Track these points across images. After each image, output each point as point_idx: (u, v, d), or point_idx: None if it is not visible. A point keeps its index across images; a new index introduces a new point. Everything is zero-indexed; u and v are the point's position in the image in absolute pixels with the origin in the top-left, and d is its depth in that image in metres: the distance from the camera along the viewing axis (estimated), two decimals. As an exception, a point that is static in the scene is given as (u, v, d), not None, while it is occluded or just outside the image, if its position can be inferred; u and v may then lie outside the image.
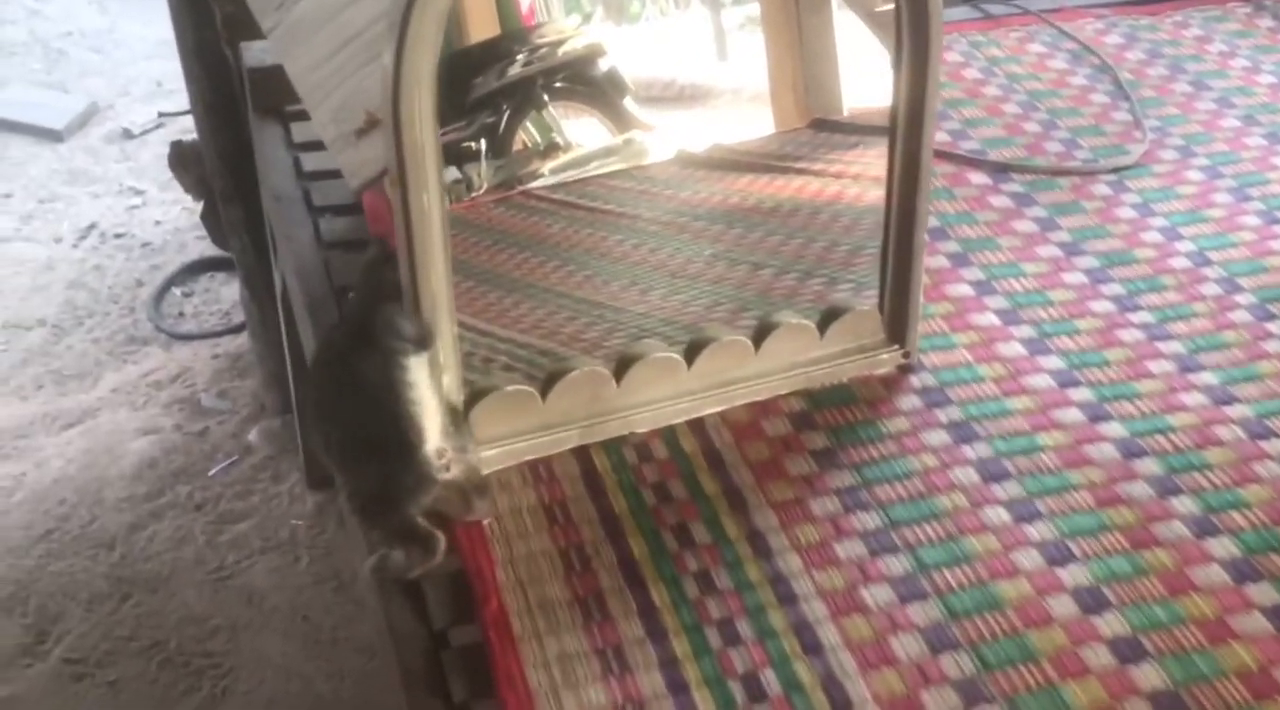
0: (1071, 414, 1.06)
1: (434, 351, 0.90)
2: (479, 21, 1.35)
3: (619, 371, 1.00)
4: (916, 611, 0.88)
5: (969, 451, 1.02)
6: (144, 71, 3.46)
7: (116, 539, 2.08)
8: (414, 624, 0.89)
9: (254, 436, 2.26)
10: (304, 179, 1.39)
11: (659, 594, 0.89)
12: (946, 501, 0.97)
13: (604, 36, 1.41)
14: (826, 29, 1.38)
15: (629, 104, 1.39)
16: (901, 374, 1.09)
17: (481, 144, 1.33)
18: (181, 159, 2.22)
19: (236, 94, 1.75)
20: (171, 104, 3.25)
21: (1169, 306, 1.18)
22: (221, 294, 2.68)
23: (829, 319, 1.06)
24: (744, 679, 0.84)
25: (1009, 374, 1.10)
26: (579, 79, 1.38)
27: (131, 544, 2.07)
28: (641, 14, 1.48)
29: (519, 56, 1.35)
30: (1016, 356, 1.12)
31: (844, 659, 0.85)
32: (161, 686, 1.85)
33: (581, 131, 1.40)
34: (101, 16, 3.73)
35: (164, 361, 2.48)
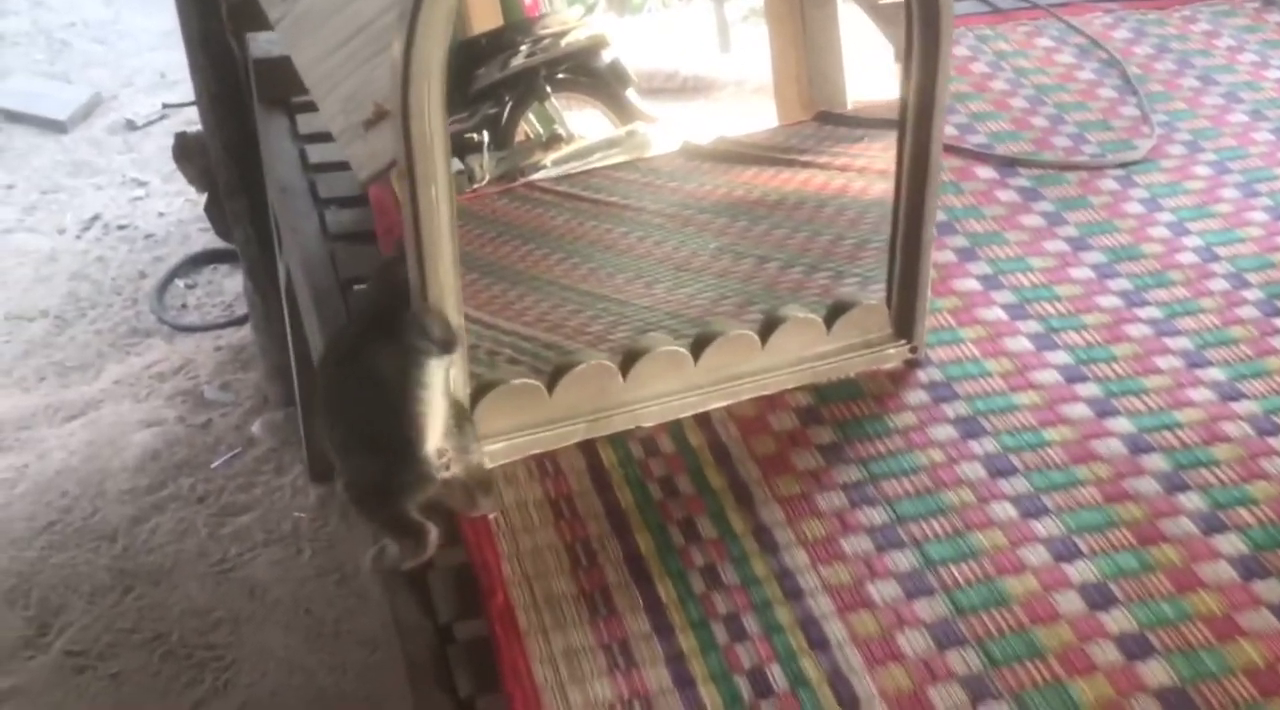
0: (1079, 409, 1.05)
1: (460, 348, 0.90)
2: (482, 12, 1.34)
3: (625, 365, 0.99)
4: (923, 607, 0.88)
5: (976, 447, 1.01)
6: (148, 62, 3.45)
7: (119, 531, 2.08)
8: (419, 617, 0.89)
9: (257, 429, 2.26)
10: (310, 171, 1.38)
11: (665, 589, 0.89)
12: (953, 497, 0.97)
13: (606, 28, 1.40)
14: (831, 22, 1.38)
15: (632, 95, 1.39)
16: (908, 369, 1.09)
17: (484, 135, 1.33)
18: (185, 150, 2.21)
19: (241, 85, 1.74)
20: (175, 95, 3.25)
21: (1177, 302, 1.18)
22: (224, 286, 2.67)
23: (836, 313, 1.05)
24: (750, 674, 0.84)
25: (1016, 369, 1.09)
26: (582, 70, 1.37)
27: (134, 536, 2.07)
28: (644, 5, 1.47)
29: (522, 47, 1.34)
30: (1024, 351, 1.11)
31: (851, 654, 0.85)
32: (164, 679, 1.85)
33: (584, 123, 1.39)
34: (105, 7, 3.72)
35: (167, 353, 2.48)
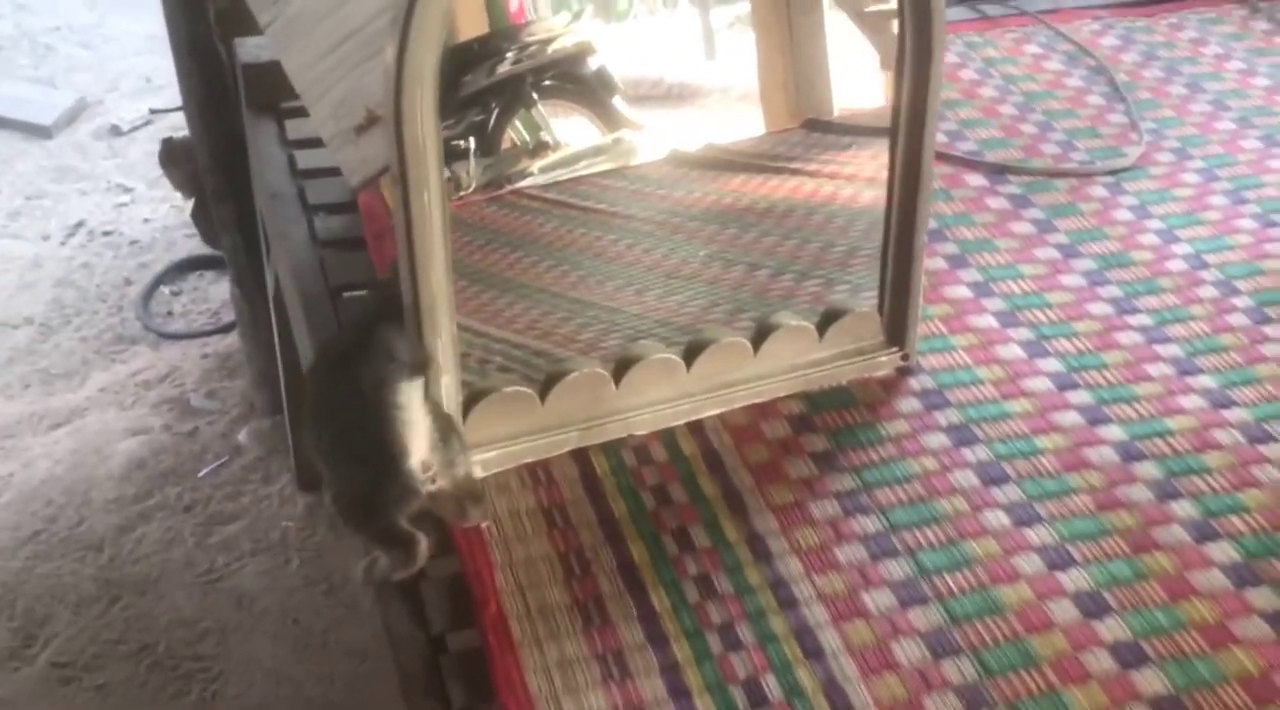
0: (1070, 417, 1.05)
1: (433, 370, 0.89)
2: (468, 19, 1.34)
3: (618, 373, 0.99)
4: (917, 616, 0.88)
5: (968, 454, 1.01)
6: (133, 67, 3.43)
7: (105, 541, 2.06)
8: (412, 628, 0.88)
9: (244, 437, 2.25)
10: (298, 176, 1.38)
11: (659, 599, 0.89)
12: (946, 505, 0.97)
13: (592, 35, 1.40)
14: (818, 29, 1.38)
15: (618, 103, 1.39)
16: (900, 376, 1.09)
17: (470, 142, 1.33)
18: (172, 156, 2.20)
19: (229, 90, 1.73)
20: (161, 100, 3.23)
21: (1167, 309, 1.18)
22: (210, 293, 2.66)
23: (828, 321, 1.05)
24: (745, 684, 0.83)
25: (1008, 376, 1.10)
26: (568, 77, 1.37)
27: (120, 546, 2.05)
28: (629, 12, 1.47)
29: (508, 54, 1.34)
30: (1015, 359, 1.11)
31: (845, 664, 0.85)
32: (150, 690, 1.83)
33: (570, 130, 1.39)
34: (89, 11, 3.70)
35: (152, 361, 2.46)
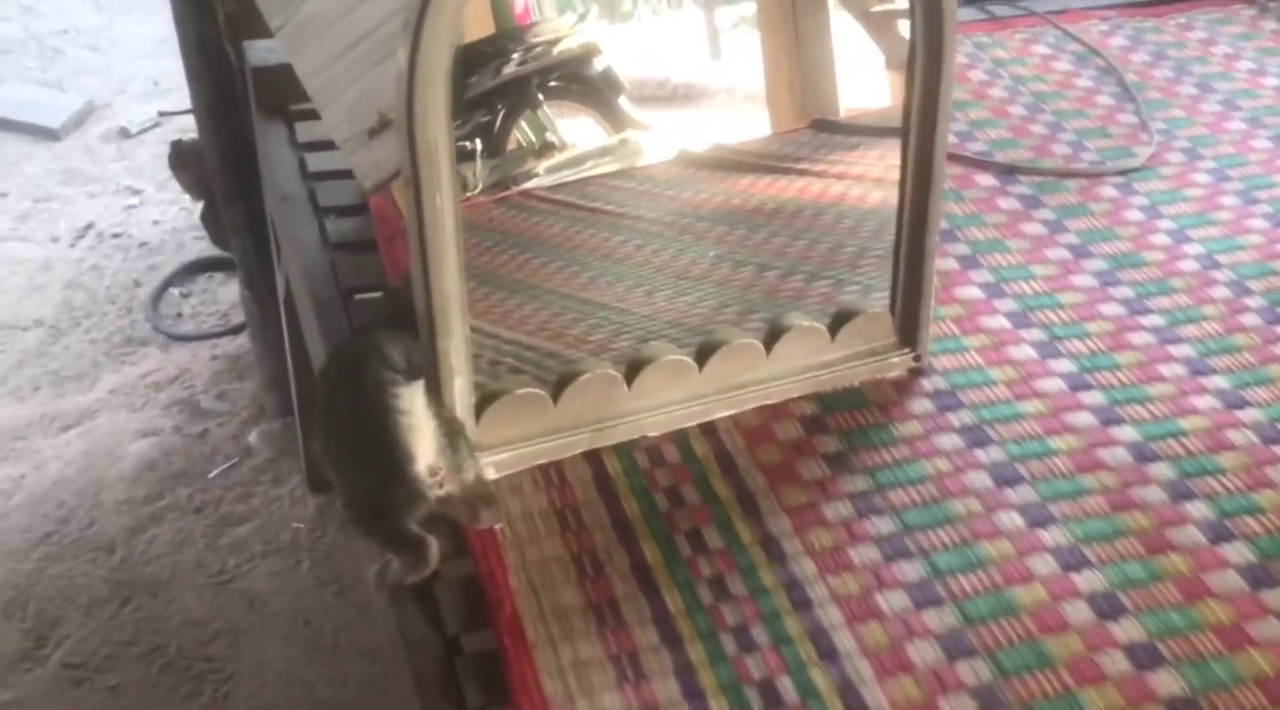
0: (1083, 418, 1.05)
1: (442, 369, 0.89)
2: (474, 20, 1.34)
3: (630, 374, 0.99)
4: (932, 617, 0.88)
5: (982, 455, 1.01)
6: (141, 70, 3.44)
7: (116, 542, 2.07)
8: (426, 630, 0.88)
9: (254, 439, 2.25)
10: (309, 179, 1.38)
11: (673, 600, 0.89)
12: (960, 506, 0.97)
13: (598, 35, 1.40)
14: (824, 30, 1.38)
15: (624, 103, 1.39)
16: (912, 377, 1.09)
17: (476, 143, 1.33)
18: (181, 159, 2.20)
19: (239, 93, 1.74)
20: (169, 103, 3.24)
21: (1179, 309, 1.18)
22: (220, 295, 2.66)
23: (840, 322, 1.05)
24: (760, 685, 0.83)
25: (1020, 377, 1.09)
26: (574, 78, 1.37)
27: (131, 547, 2.06)
28: (634, 13, 1.48)
29: (514, 55, 1.34)
30: (1027, 360, 1.11)
31: (860, 665, 0.85)
32: (162, 691, 1.84)
33: (576, 131, 1.39)
34: (97, 14, 3.71)
35: (162, 363, 2.47)
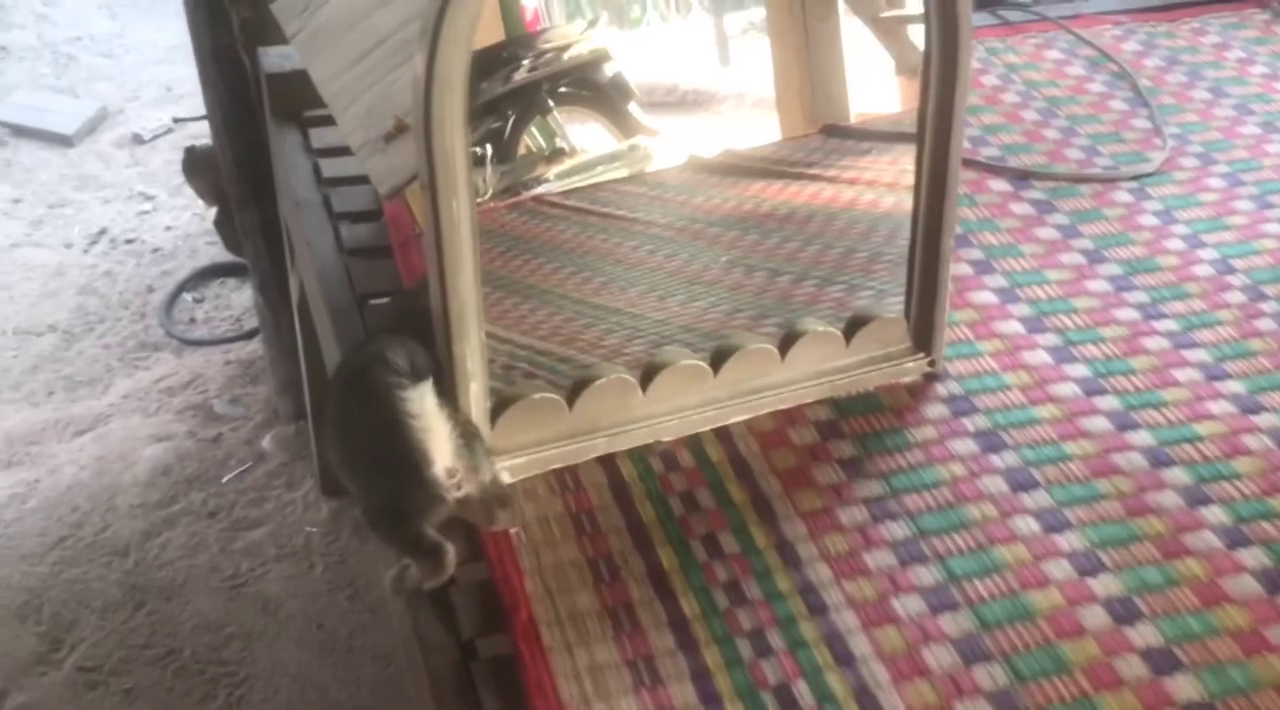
0: (1099, 423, 1.05)
1: (458, 374, 0.89)
2: (484, 27, 1.34)
3: (645, 379, 0.99)
4: (948, 622, 0.88)
5: (997, 460, 1.01)
6: (154, 76, 3.46)
7: (130, 546, 2.07)
8: (442, 634, 0.88)
9: (267, 443, 2.26)
10: (324, 185, 1.38)
11: (689, 604, 0.89)
12: (975, 511, 0.97)
13: (608, 42, 1.40)
14: (834, 35, 1.38)
15: (634, 109, 1.39)
16: (927, 382, 1.09)
17: (487, 149, 1.33)
18: (195, 165, 2.21)
19: (253, 99, 1.74)
20: (182, 109, 3.25)
21: (1194, 314, 1.18)
22: (232, 300, 2.67)
23: (855, 327, 1.05)
24: (776, 690, 0.83)
25: (1035, 382, 1.09)
26: (584, 84, 1.37)
27: (145, 551, 2.06)
28: (643, 19, 1.48)
29: (524, 62, 1.35)
30: (1042, 365, 1.11)
31: (876, 670, 0.85)
32: (177, 695, 1.84)
33: (586, 136, 1.39)
34: (111, 21, 3.73)
35: (176, 367, 2.48)
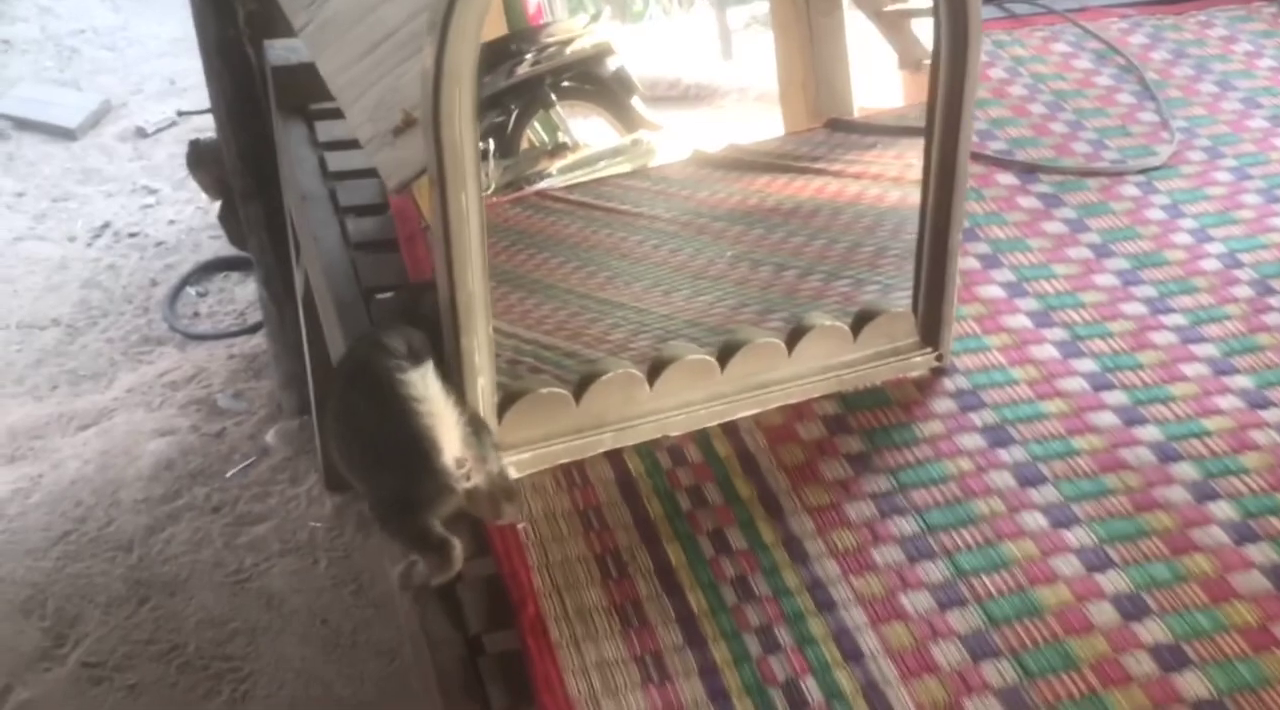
0: (1106, 418, 1.05)
1: (465, 368, 0.88)
2: (487, 21, 1.33)
3: (652, 374, 0.99)
4: (956, 618, 0.88)
5: (1004, 455, 1.01)
6: (157, 69, 3.45)
7: (134, 541, 2.07)
8: (449, 630, 0.88)
9: (271, 438, 2.25)
10: (330, 178, 1.38)
11: (697, 600, 0.89)
12: (983, 506, 0.96)
13: (610, 35, 1.40)
14: (838, 30, 1.37)
15: (637, 103, 1.38)
16: (934, 376, 1.08)
17: (490, 144, 1.33)
18: (199, 158, 2.21)
19: (258, 92, 1.74)
20: (185, 102, 3.24)
21: (1201, 309, 1.17)
22: (236, 294, 2.67)
23: (862, 321, 1.05)
24: (784, 686, 0.83)
25: (1042, 377, 1.09)
26: (587, 78, 1.37)
27: (149, 546, 2.06)
28: (645, 13, 1.47)
29: (527, 56, 1.34)
30: (1049, 359, 1.11)
31: (885, 666, 0.84)
32: (181, 690, 1.84)
33: (588, 131, 1.39)
34: (114, 14, 3.72)
35: (179, 362, 2.47)
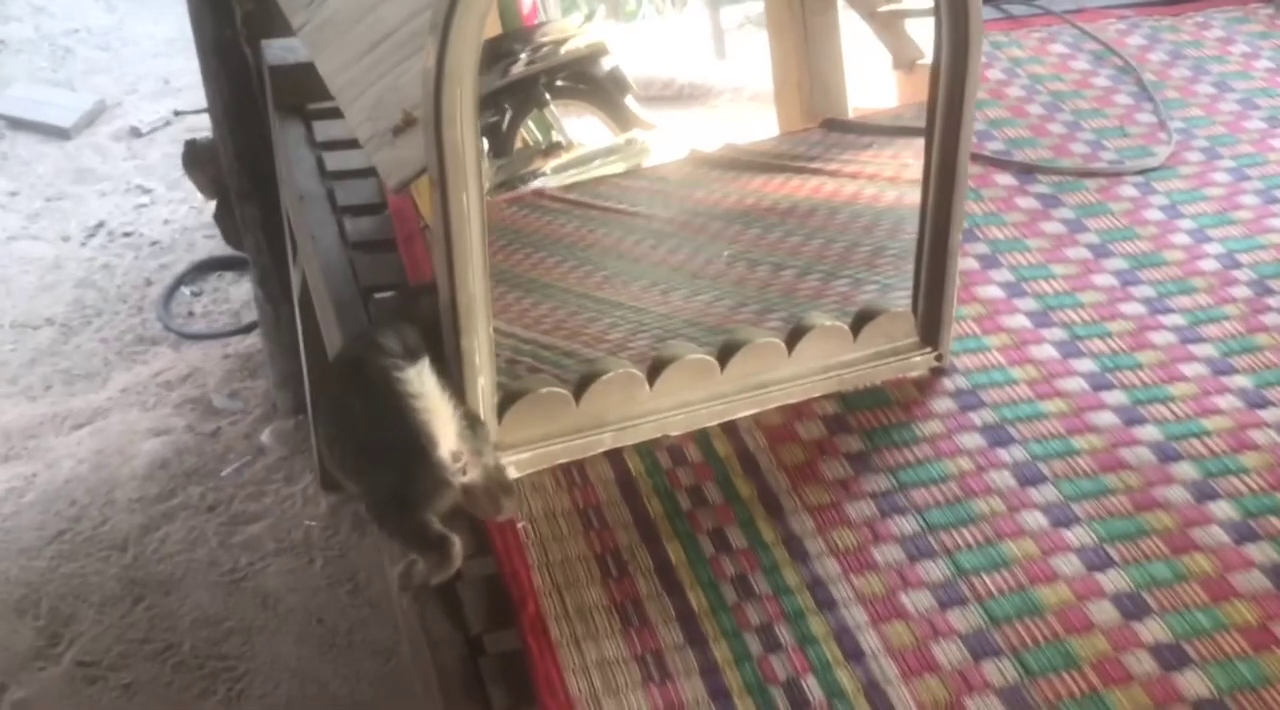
0: (1106, 417, 1.05)
1: (465, 368, 0.88)
2: (485, 21, 1.33)
3: (652, 374, 0.99)
4: (957, 617, 0.88)
5: (1004, 455, 1.01)
6: (152, 69, 3.44)
7: (128, 540, 2.06)
8: (449, 629, 0.88)
9: (266, 437, 2.25)
10: (327, 178, 1.38)
11: (697, 599, 0.89)
12: (983, 506, 0.96)
13: (604, 35, 1.40)
14: (832, 29, 1.37)
15: (631, 103, 1.38)
16: (934, 376, 1.09)
17: (484, 143, 1.32)
18: (195, 158, 2.20)
19: (255, 92, 1.74)
20: (180, 102, 3.24)
21: (1200, 309, 1.18)
22: (231, 293, 2.66)
23: (862, 321, 1.05)
24: (785, 686, 0.83)
25: (1041, 376, 1.09)
26: (581, 78, 1.37)
27: (144, 545, 2.05)
28: (638, 12, 1.47)
29: (521, 55, 1.34)
30: (1048, 359, 1.11)
31: (886, 665, 0.84)
32: (176, 689, 1.83)
33: (582, 130, 1.39)
34: (108, 14, 3.71)
35: (174, 361, 2.47)
